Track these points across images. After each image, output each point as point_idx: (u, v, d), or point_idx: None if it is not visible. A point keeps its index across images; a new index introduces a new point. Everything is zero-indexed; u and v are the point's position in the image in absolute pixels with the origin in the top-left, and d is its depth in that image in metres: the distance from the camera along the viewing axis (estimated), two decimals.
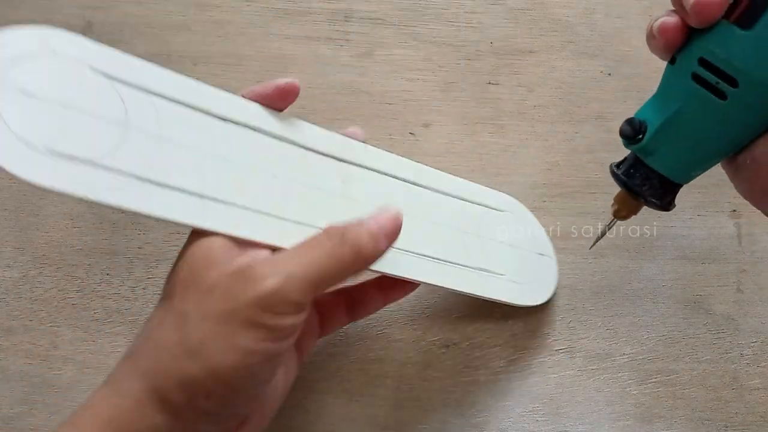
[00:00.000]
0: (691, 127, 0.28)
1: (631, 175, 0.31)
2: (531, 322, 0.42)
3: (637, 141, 0.29)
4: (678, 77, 0.28)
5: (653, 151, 0.29)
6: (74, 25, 0.47)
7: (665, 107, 0.29)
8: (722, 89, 0.26)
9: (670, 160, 0.30)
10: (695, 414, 0.40)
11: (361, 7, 0.48)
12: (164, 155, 0.29)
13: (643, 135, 0.29)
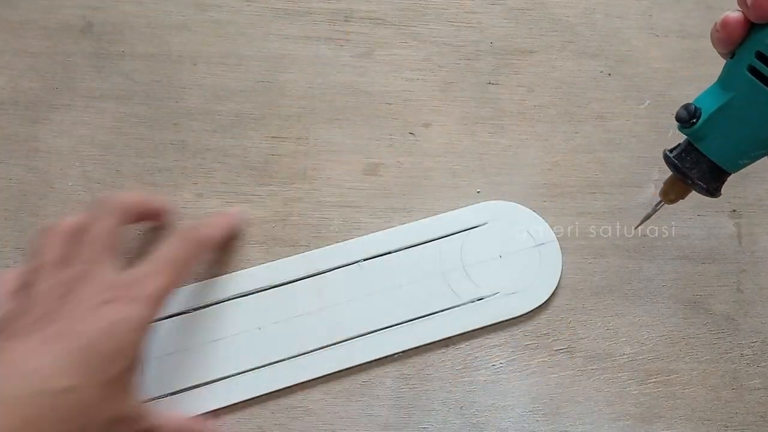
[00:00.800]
0: (742, 115, 0.30)
1: (682, 158, 0.32)
2: (531, 322, 0.42)
3: (690, 125, 0.31)
4: (735, 69, 0.30)
5: (705, 137, 0.31)
6: (74, 25, 0.47)
7: (720, 96, 0.30)
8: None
9: (720, 147, 0.31)
10: (695, 414, 0.40)
11: (361, 7, 0.48)
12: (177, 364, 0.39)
13: (697, 120, 0.31)
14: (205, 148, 0.45)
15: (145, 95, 0.46)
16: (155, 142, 0.45)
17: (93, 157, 0.44)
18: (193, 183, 0.44)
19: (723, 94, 0.30)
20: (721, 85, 0.31)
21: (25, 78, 0.46)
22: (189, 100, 0.46)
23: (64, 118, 0.45)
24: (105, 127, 0.45)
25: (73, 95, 0.46)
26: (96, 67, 0.46)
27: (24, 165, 0.44)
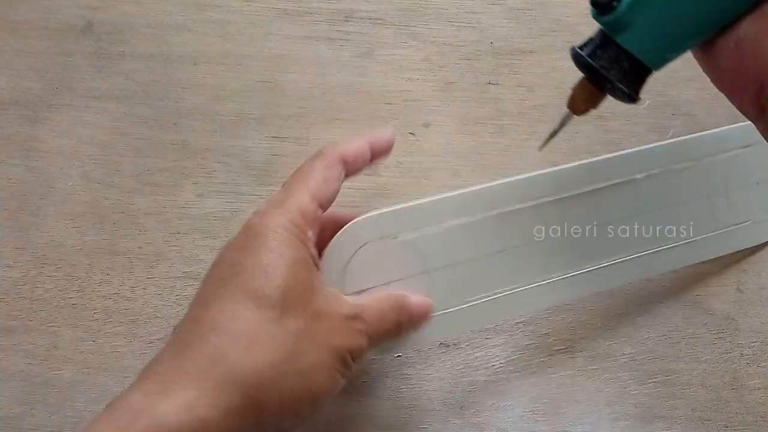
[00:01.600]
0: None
1: (596, 56, 0.26)
2: (531, 322, 0.42)
3: (610, 8, 0.24)
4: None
5: (627, 25, 0.25)
6: (74, 25, 0.47)
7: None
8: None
9: (646, 37, 0.25)
10: (695, 414, 0.40)
11: (361, 7, 0.48)
12: (456, 277, 0.35)
13: (618, 3, 0.24)
14: (205, 148, 0.45)
15: (145, 95, 0.46)
16: (155, 142, 0.45)
17: (93, 157, 0.44)
18: (193, 183, 0.44)
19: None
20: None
21: (25, 78, 0.46)
22: (189, 100, 0.46)
23: (64, 118, 0.45)
24: (105, 127, 0.45)
25: (73, 95, 0.46)
26: (96, 67, 0.46)
27: (24, 165, 0.44)
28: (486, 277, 0.36)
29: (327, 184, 0.32)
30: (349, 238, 0.33)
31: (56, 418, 0.40)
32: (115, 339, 0.41)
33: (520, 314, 0.37)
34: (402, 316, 0.33)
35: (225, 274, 0.28)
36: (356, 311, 0.30)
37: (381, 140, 0.34)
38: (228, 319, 0.27)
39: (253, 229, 0.29)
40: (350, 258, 0.33)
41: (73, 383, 0.40)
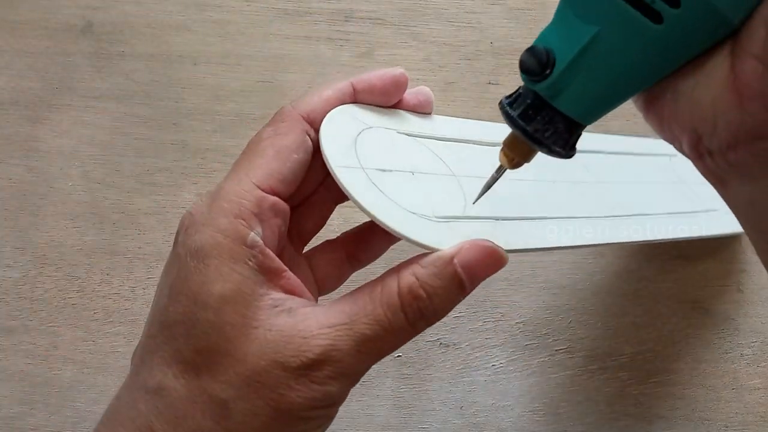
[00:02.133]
0: (612, 57, 0.22)
1: (529, 117, 0.24)
2: (531, 322, 0.42)
3: (544, 77, 0.23)
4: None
5: (562, 90, 0.23)
6: (74, 25, 0.47)
7: (578, 32, 0.22)
8: (658, 9, 0.20)
9: (581, 99, 0.23)
10: (695, 414, 0.40)
11: (361, 7, 0.48)
12: (492, 191, 0.29)
13: (551, 69, 0.22)
14: (205, 148, 0.45)
15: (145, 95, 0.46)
16: (155, 142, 0.45)
17: (93, 157, 0.44)
18: (193, 183, 0.44)
19: (583, 29, 0.22)
20: (577, 15, 0.22)
21: (25, 78, 0.46)
22: (189, 100, 0.46)
23: (64, 118, 0.45)
24: (105, 127, 0.45)
25: (73, 95, 0.46)
26: (96, 67, 0.46)
27: (24, 165, 0.44)
28: (523, 198, 0.32)
29: (280, 159, 0.26)
30: (347, 115, 0.28)
31: (56, 418, 0.40)
32: (115, 339, 0.41)
33: (568, 243, 0.32)
34: (441, 295, 0.25)
35: (156, 322, 0.25)
36: (317, 357, 0.23)
37: (376, 79, 0.29)
38: (157, 387, 0.24)
39: (179, 256, 0.25)
40: (357, 135, 0.28)
41: (73, 383, 0.40)
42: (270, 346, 0.23)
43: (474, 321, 0.41)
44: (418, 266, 0.25)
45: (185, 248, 0.25)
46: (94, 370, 0.41)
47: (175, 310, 0.24)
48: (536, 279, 0.42)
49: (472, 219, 0.29)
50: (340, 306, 0.25)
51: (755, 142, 0.19)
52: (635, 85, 0.23)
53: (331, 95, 0.28)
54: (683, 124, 0.21)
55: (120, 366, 0.41)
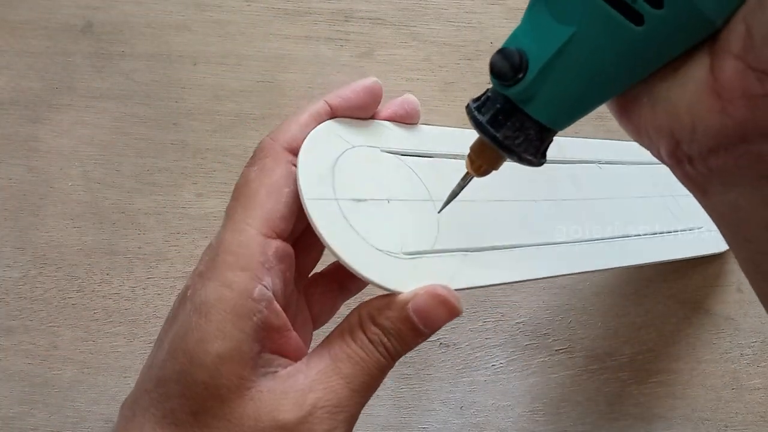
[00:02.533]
0: (589, 60, 0.20)
1: (499, 123, 0.22)
2: (531, 322, 0.42)
3: (516, 81, 0.21)
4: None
5: (534, 95, 0.21)
6: (74, 25, 0.47)
7: (553, 33, 0.20)
8: (640, 10, 0.19)
9: (555, 104, 0.22)
10: (695, 414, 0.40)
11: (361, 7, 0.48)
12: (468, 217, 0.29)
13: (524, 73, 0.21)
14: (205, 148, 0.45)
15: (145, 95, 0.46)
16: (155, 142, 0.45)
17: (93, 157, 0.44)
18: (193, 183, 0.44)
19: (558, 30, 0.20)
20: (554, 15, 0.20)
21: (25, 78, 0.46)
22: (189, 100, 0.46)
23: (64, 118, 0.45)
24: (105, 127, 0.45)
25: (73, 95, 0.46)
26: (96, 67, 0.46)
27: (24, 165, 0.44)
28: (498, 223, 0.31)
29: (273, 197, 0.25)
30: (330, 135, 0.27)
31: (56, 418, 0.40)
32: (115, 339, 0.41)
33: (539, 276, 0.31)
34: (401, 347, 0.26)
35: (153, 377, 0.24)
36: (301, 414, 0.23)
37: (351, 93, 0.28)
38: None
39: (184, 309, 0.24)
40: (338, 157, 0.27)
41: (73, 383, 0.40)
42: (266, 406, 0.23)
43: (474, 321, 0.41)
44: (376, 309, 0.26)
45: (191, 303, 0.24)
46: (94, 370, 0.41)
47: (172, 367, 0.24)
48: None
49: (440, 253, 0.28)
50: (318, 355, 0.25)
51: (737, 145, 0.18)
52: (612, 89, 0.22)
53: (308, 120, 0.27)
54: (660, 129, 0.20)
55: (120, 366, 0.41)
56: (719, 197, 0.20)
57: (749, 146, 0.18)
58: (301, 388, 0.24)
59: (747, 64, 0.17)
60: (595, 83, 0.21)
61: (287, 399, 0.24)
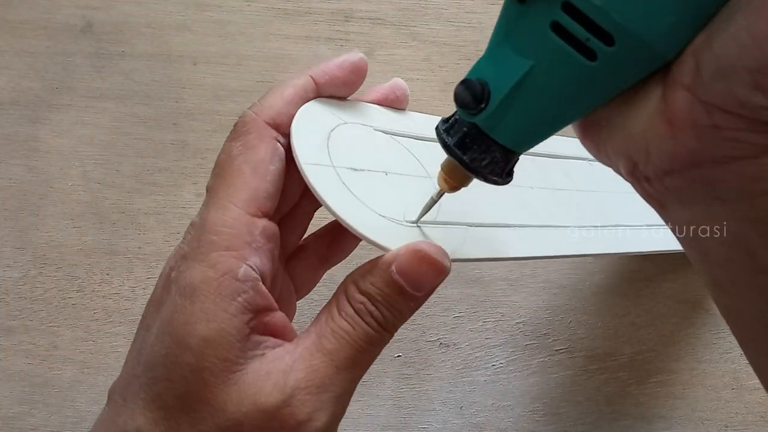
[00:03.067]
0: (546, 91, 0.22)
1: (466, 146, 0.24)
2: (531, 322, 0.42)
3: (479, 111, 0.22)
4: (532, 25, 0.21)
5: (499, 122, 0.23)
6: (74, 25, 0.47)
7: (513, 65, 0.21)
8: (592, 47, 0.20)
9: (518, 131, 0.23)
10: (695, 414, 0.40)
11: (361, 7, 0.48)
12: (467, 195, 0.28)
13: (486, 103, 0.22)
14: (205, 148, 0.45)
15: (145, 95, 0.46)
16: (155, 142, 0.45)
17: (93, 157, 0.44)
18: (193, 183, 0.44)
19: (517, 63, 0.21)
20: (514, 49, 0.22)
21: (25, 78, 0.46)
22: (189, 100, 0.46)
23: (64, 118, 0.45)
24: (105, 127, 0.45)
25: (73, 95, 0.46)
26: (96, 67, 0.46)
27: (24, 165, 0.44)
28: (500, 204, 0.31)
29: (258, 175, 0.25)
30: (322, 109, 0.27)
31: (56, 418, 0.40)
32: (115, 339, 0.41)
33: (539, 254, 0.31)
34: (392, 318, 0.24)
35: (142, 362, 0.24)
36: (283, 398, 0.23)
37: (336, 69, 0.27)
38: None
39: (170, 292, 0.24)
40: (331, 130, 0.27)
41: (73, 383, 0.40)
42: (249, 390, 0.23)
43: (474, 321, 0.41)
44: (360, 275, 0.25)
45: (176, 285, 0.24)
46: (94, 370, 0.41)
47: (159, 350, 0.23)
48: (536, 279, 0.42)
49: (443, 225, 0.28)
50: (306, 333, 0.24)
51: (690, 169, 0.19)
52: (570, 116, 0.23)
53: (292, 94, 0.26)
54: (618, 151, 0.21)
55: (120, 366, 0.40)
56: (676, 213, 0.21)
57: (701, 170, 0.19)
58: (283, 369, 0.23)
59: (696, 96, 0.18)
60: (555, 111, 0.22)
61: (269, 381, 0.23)
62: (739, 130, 0.18)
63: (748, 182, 0.18)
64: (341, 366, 0.24)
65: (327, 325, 0.24)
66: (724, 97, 0.17)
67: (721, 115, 0.18)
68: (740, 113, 0.17)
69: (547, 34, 0.20)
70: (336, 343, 0.24)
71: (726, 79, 0.17)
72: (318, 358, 0.23)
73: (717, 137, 0.18)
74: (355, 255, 0.32)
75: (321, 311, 0.25)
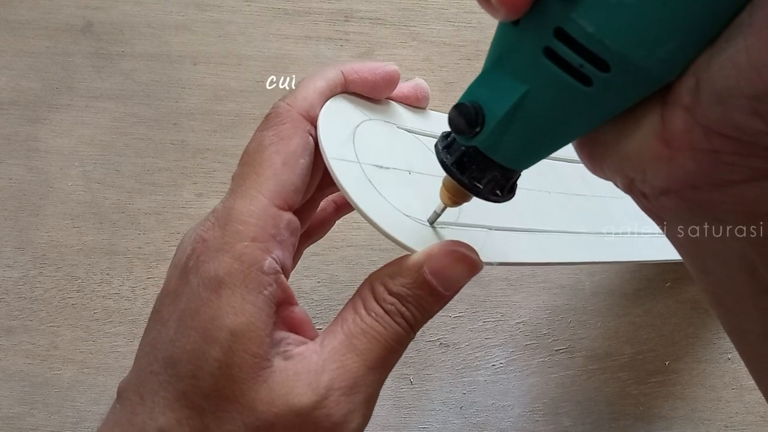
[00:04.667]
0: (542, 115, 0.21)
1: (464, 166, 0.23)
2: (531, 322, 0.42)
3: (474, 134, 0.22)
4: (526, 50, 0.20)
5: (496, 143, 0.22)
6: (74, 25, 0.47)
7: (508, 89, 0.21)
8: (587, 73, 0.19)
9: (514, 152, 0.23)
10: (695, 414, 0.40)
11: (361, 7, 0.48)
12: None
13: (481, 127, 0.22)
14: (205, 148, 0.45)
15: (145, 95, 0.46)
16: (155, 142, 0.45)
17: (93, 157, 0.44)
18: (193, 183, 0.44)
19: (511, 87, 0.21)
20: (507, 72, 0.21)
21: (25, 78, 0.46)
22: (189, 100, 0.46)
23: (64, 118, 0.45)
24: (105, 127, 0.45)
25: (73, 95, 0.46)
26: (96, 67, 0.46)
27: (24, 165, 0.44)
28: (518, 208, 0.30)
29: (289, 168, 0.24)
30: (347, 103, 0.27)
31: (56, 418, 0.40)
32: (115, 339, 0.41)
33: (557, 260, 0.31)
34: (421, 313, 0.24)
35: (161, 358, 0.23)
36: (316, 398, 0.22)
37: (369, 73, 0.27)
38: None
39: (189, 284, 0.23)
40: (357, 126, 0.27)
41: (73, 383, 0.40)
42: (280, 389, 0.22)
43: (474, 321, 0.41)
44: (388, 276, 0.24)
45: (198, 277, 0.23)
46: (94, 370, 0.41)
47: (183, 346, 0.22)
48: (536, 279, 0.42)
49: (465, 227, 0.28)
50: (332, 332, 0.24)
51: (686, 190, 0.18)
52: (568, 137, 0.22)
53: (324, 87, 0.26)
54: (615, 168, 0.21)
55: (120, 366, 0.41)
56: (675, 229, 0.20)
57: (698, 192, 0.18)
58: (314, 369, 0.22)
59: (694, 118, 0.17)
60: (552, 134, 0.22)
61: (300, 381, 0.22)
62: (738, 154, 0.17)
63: (748, 205, 0.18)
64: (373, 366, 0.23)
65: (356, 325, 0.24)
66: (722, 122, 0.17)
67: (720, 139, 0.17)
68: (739, 138, 0.17)
69: (540, 59, 0.20)
70: (368, 343, 0.23)
71: (723, 103, 0.16)
72: (350, 359, 0.23)
73: (715, 161, 0.17)
74: (349, 255, 0.32)
75: (344, 311, 0.24)
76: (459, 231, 0.28)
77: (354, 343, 0.23)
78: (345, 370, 0.23)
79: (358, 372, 0.23)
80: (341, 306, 0.31)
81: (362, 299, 0.24)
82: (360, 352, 0.23)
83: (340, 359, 0.23)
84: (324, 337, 0.24)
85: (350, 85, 0.27)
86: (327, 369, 0.23)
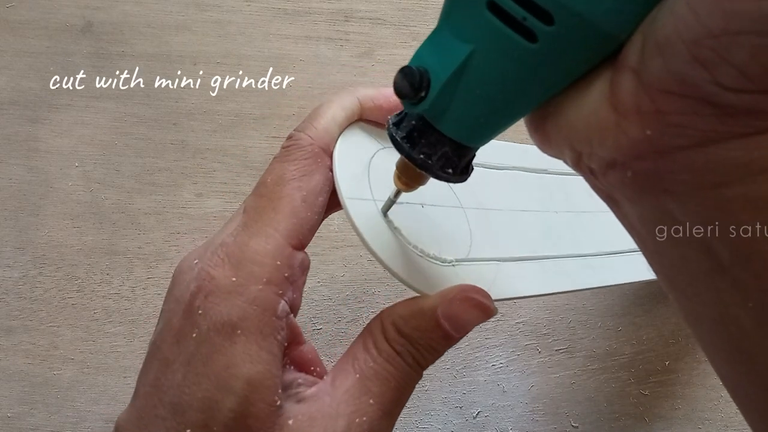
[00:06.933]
0: (489, 77, 0.20)
1: (414, 140, 0.22)
2: (531, 322, 0.42)
3: (419, 100, 0.21)
4: (469, 5, 0.19)
5: (443, 112, 0.21)
6: (74, 25, 0.47)
7: (452, 50, 0.20)
8: (531, 27, 0.18)
9: (464, 122, 0.21)
10: (695, 414, 0.40)
11: (361, 7, 0.48)
12: (496, 226, 0.27)
13: (426, 92, 0.21)
14: (205, 148, 0.45)
15: (145, 95, 0.46)
16: (155, 142, 0.45)
17: (93, 157, 0.44)
18: (193, 183, 0.44)
19: (456, 48, 0.20)
20: (451, 32, 0.20)
21: (25, 78, 0.46)
22: (189, 100, 0.46)
23: (64, 118, 0.45)
24: (105, 127, 0.45)
25: (73, 95, 0.46)
26: (96, 67, 0.46)
27: (24, 165, 0.44)
28: (526, 233, 0.30)
29: (308, 206, 0.24)
30: (362, 133, 0.27)
31: (56, 418, 0.40)
32: (115, 339, 0.41)
33: (565, 289, 0.31)
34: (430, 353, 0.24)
35: (167, 403, 0.22)
36: (347, 427, 0.22)
37: (384, 101, 0.26)
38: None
39: (198, 327, 0.22)
40: (371, 157, 0.26)
41: (73, 383, 0.40)
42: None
43: None
44: (401, 318, 0.24)
45: (208, 320, 0.22)
46: (94, 370, 0.41)
47: (193, 393, 0.21)
48: None
49: (475, 262, 0.28)
50: (343, 371, 0.23)
51: (633, 161, 0.17)
52: (520, 106, 0.21)
53: (343, 119, 0.25)
54: (562, 141, 0.19)
55: (120, 366, 0.41)
56: (627, 209, 0.19)
57: (645, 162, 0.17)
58: (328, 413, 0.22)
59: (640, 78, 0.16)
60: (501, 99, 0.20)
61: (316, 426, 0.22)
62: (684, 113, 0.16)
63: (696, 173, 0.17)
64: (387, 410, 0.23)
65: (368, 365, 0.23)
66: (663, 76, 0.16)
67: (663, 98, 0.16)
68: (682, 93, 0.15)
69: (484, 14, 0.19)
70: (381, 385, 0.23)
71: (663, 54, 0.15)
72: (365, 402, 0.22)
73: (661, 123, 0.16)
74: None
75: (354, 348, 0.24)
76: (471, 266, 0.27)
77: (368, 385, 0.23)
78: (360, 414, 0.22)
79: (374, 415, 0.22)
80: (341, 306, 0.31)
81: (373, 339, 0.24)
82: (374, 395, 0.23)
83: (354, 403, 0.22)
84: (335, 376, 0.23)
85: (366, 113, 0.27)
86: (342, 413, 0.22)
